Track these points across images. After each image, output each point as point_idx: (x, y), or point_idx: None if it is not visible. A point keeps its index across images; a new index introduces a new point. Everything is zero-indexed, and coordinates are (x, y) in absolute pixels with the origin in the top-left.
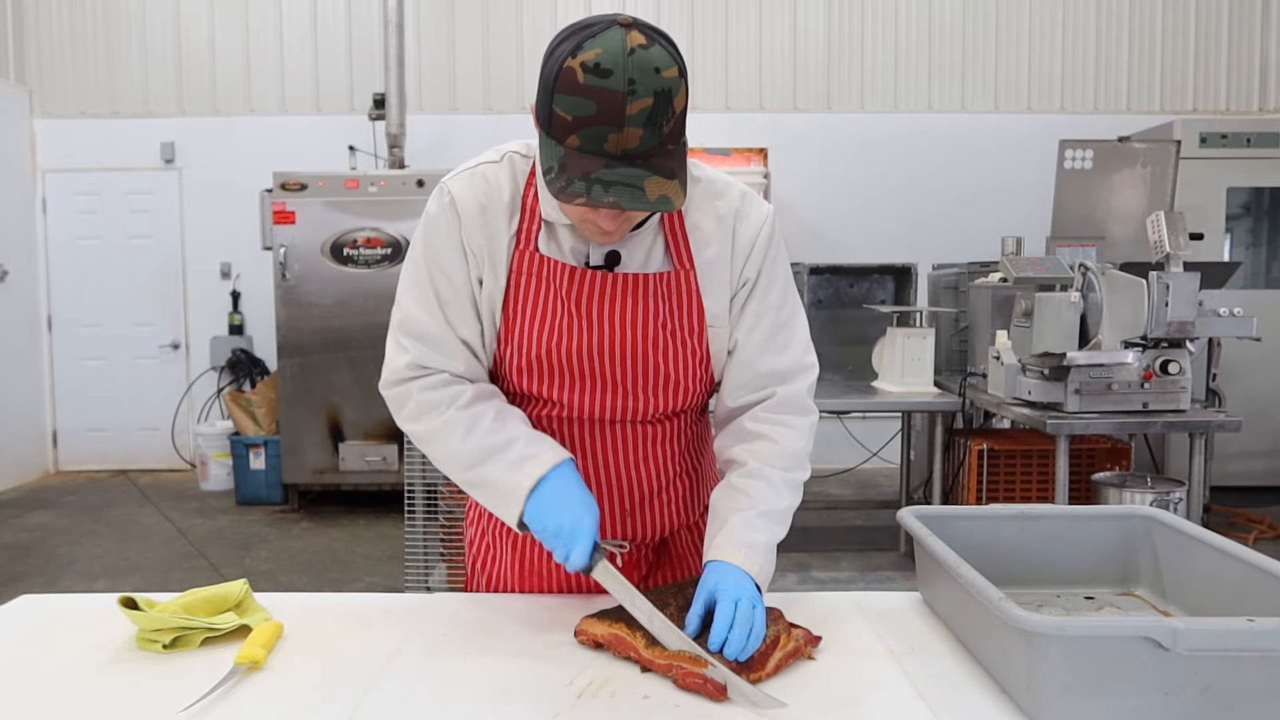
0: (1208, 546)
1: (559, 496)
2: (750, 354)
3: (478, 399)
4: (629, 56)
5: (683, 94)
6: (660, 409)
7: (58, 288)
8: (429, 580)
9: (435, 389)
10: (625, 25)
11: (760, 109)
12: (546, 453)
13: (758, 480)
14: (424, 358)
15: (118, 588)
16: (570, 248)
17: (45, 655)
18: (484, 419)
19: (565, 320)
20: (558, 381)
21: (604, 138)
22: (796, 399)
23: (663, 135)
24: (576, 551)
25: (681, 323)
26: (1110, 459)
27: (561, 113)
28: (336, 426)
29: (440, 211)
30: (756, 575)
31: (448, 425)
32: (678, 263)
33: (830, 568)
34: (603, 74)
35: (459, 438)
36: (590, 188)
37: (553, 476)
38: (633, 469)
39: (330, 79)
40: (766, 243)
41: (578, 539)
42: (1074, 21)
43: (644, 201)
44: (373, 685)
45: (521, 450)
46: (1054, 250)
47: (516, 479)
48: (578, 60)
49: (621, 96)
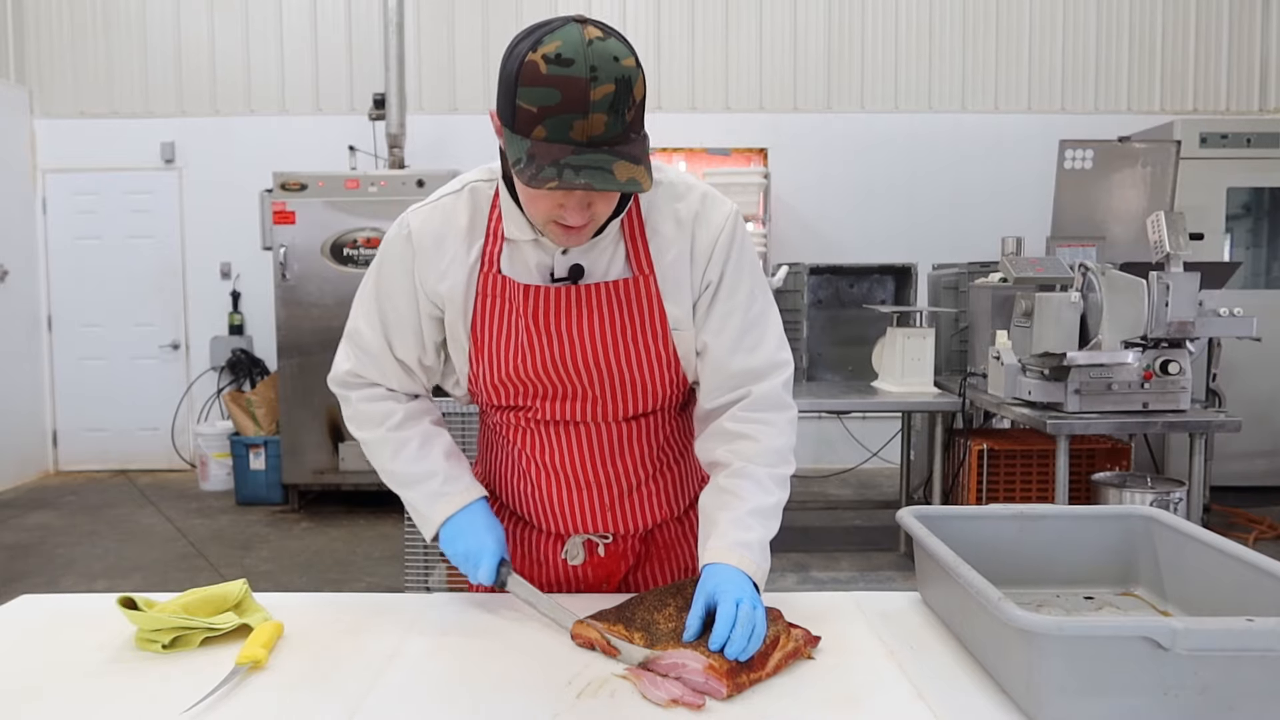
0: (1207, 546)
1: (464, 529)
2: (721, 355)
3: (407, 421)
4: (588, 47)
5: (641, 83)
6: (634, 410)
7: (58, 288)
8: (429, 580)
9: (371, 402)
10: (580, 21)
11: (760, 109)
12: (458, 494)
13: (744, 479)
14: (361, 368)
15: (118, 588)
16: (536, 263)
17: (45, 655)
18: (409, 445)
19: (526, 338)
20: (530, 393)
21: (569, 125)
22: (773, 395)
23: (626, 123)
24: (481, 572)
25: (643, 328)
26: (1110, 459)
27: (526, 105)
28: (336, 426)
29: (395, 240)
30: (753, 574)
31: (378, 443)
32: (637, 269)
33: (830, 568)
34: (564, 63)
35: (387, 457)
36: (561, 172)
37: (459, 516)
38: (612, 464)
39: (330, 79)
40: (728, 244)
41: (481, 560)
42: (1074, 21)
43: (614, 182)
44: (373, 685)
45: (437, 487)
46: (1054, 250)
47: (429, 513)
48: (539, 53)
49: (584, 83)
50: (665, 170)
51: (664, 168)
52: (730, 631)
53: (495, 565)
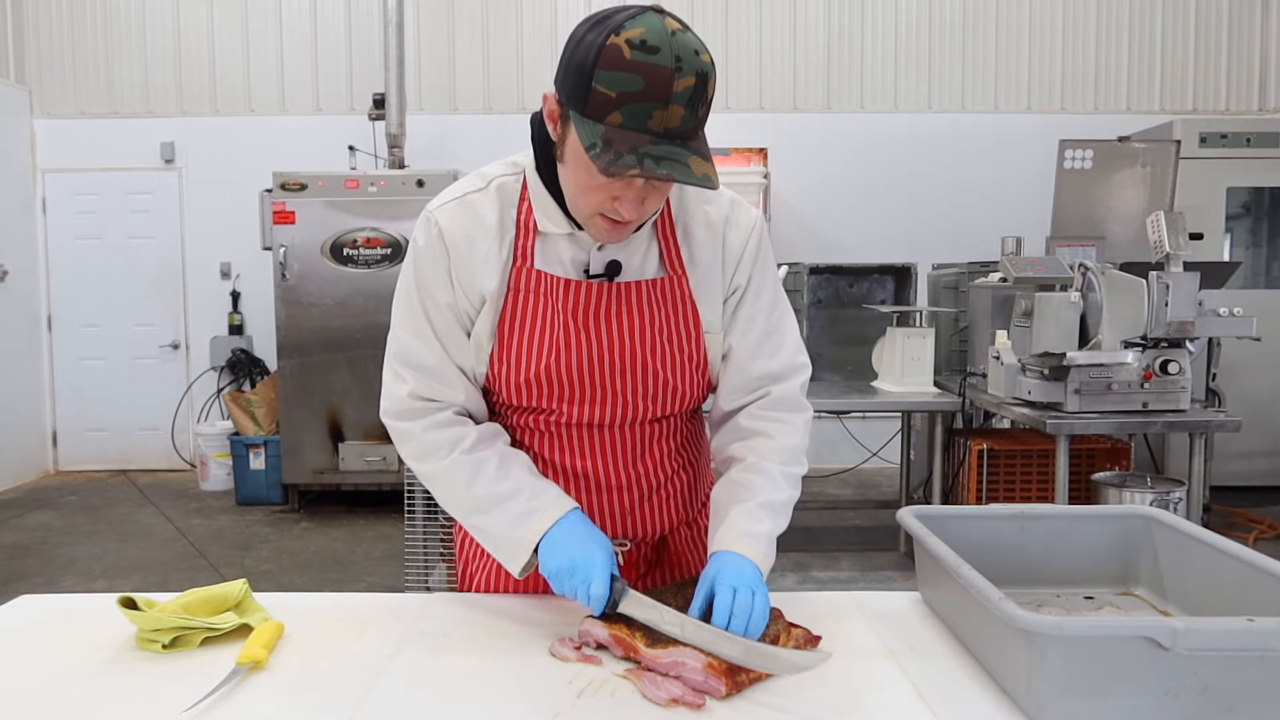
0: (1207, 546)
1: (564, 541)
2: (744, 358)
3: (481, 443)
4: (672, 37)
5: (714, 82)
6: (656, 414)
7: (58, 288)
8: (429, 580)
9: (439, 429)
10: (659, 12)
11: (760, 109)
12: (551, 505)
13: (757, 474)
14: (424, 388)
15: (118, 588)
16: (570, 258)
17: (45, 655)
18: (488, 466)
19: (563, 334)
20: (554, 394)
21: (649, 114)
22: (791, 397)
23: (698, 119)
24: (594, 587)
25: (677, 328)
26: (1110, 459)
27: (604, 89)
28: (336, 426)
29: (428, 244)
30: (758, 562)
31: (450, 470)
32: (670, 268)
33: (830, 568)
34: (650, 50)
35: (463, 484)
36: (642, 160)
37: (557, 529)
38: (629, 469)
39: (330, 79)
40: (756, 249)
41: (593, 573)
42: (1074, 21)
43: (692, 176)
44: (373, 685)
45: (525, 504)
46: (1054, 250)
47: (521, 533)
48: (622, 37)
49: (670, 72)
50: None
51: None
52: (729, 618)
53: (608, 580)
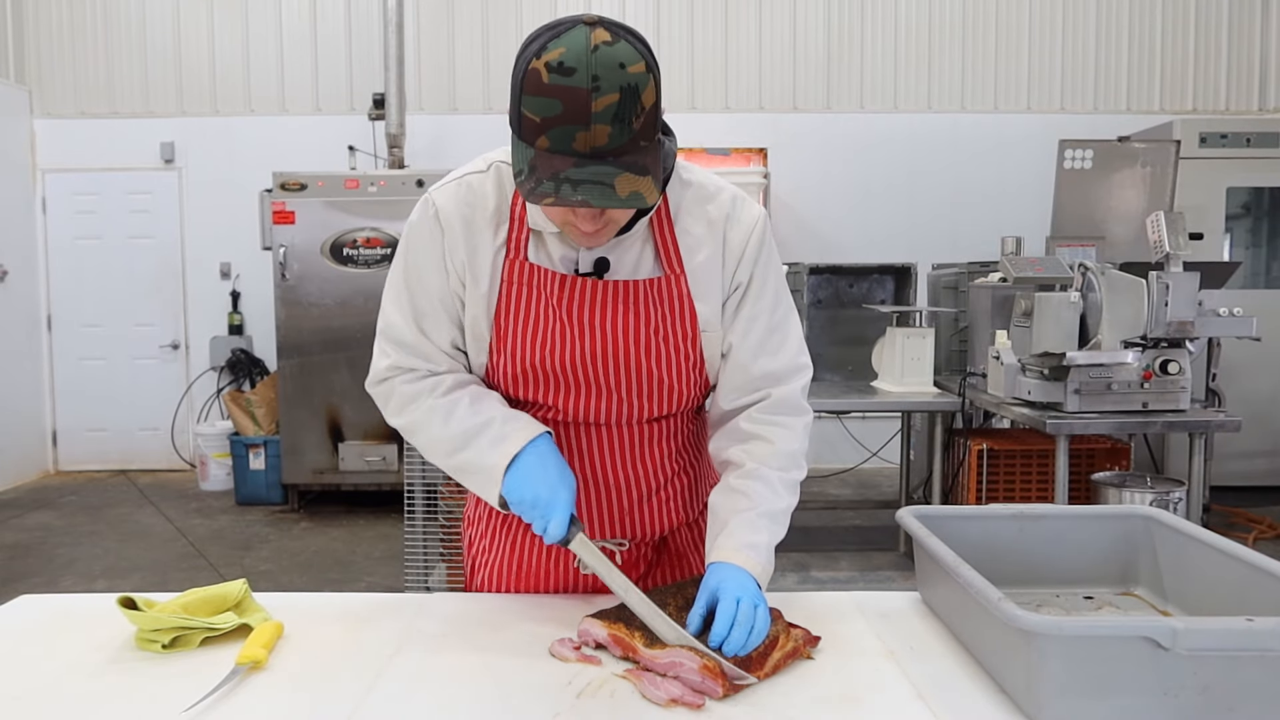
0: (1207, 546)
1: (534, 470)
2: (745, 357)
3: (456, 386)
4: (592, 54)
5: (651, 89)
6: (654, 412)
7: (57, 288)
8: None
9: (414, 382)
10: (590, 24)
11: (760, 109)
12: (521, 430)
13: (756, 481)
14: (403, 362)
15: (118, 588)
16: (560, 256)
17: (45, 655)
18: (460, 404)
19: (557, 328)
20: (551, 388)
21: (572, 136)
22: (791, 400)
23: (633, 132)
24: (553, 523)
25: (674, 328)
26: (1110, 459)
27: (530, 114)
28: (336, 426)
29: (423, 222)
30: (758, 575)
31: (428, 413)
32: (668, 268)
33: (830, 568)
34: (566, 72)
35: (439, 424)
36: (559, 187)
37: (527, 451)
38: (629, 468)
39: (330, 79)
40: (758, 246)
41: (554, 510)
42: (1074, 21)
43: (615, 199)
44: (373, 685)
45: (498, 429)
46: (1054, 250)
47: (493, 459)
48: (542, 60)
49: (586, 94)
50: (694, 171)
51: (692, 168)
52: (730, 628)
53: (567, 519)
